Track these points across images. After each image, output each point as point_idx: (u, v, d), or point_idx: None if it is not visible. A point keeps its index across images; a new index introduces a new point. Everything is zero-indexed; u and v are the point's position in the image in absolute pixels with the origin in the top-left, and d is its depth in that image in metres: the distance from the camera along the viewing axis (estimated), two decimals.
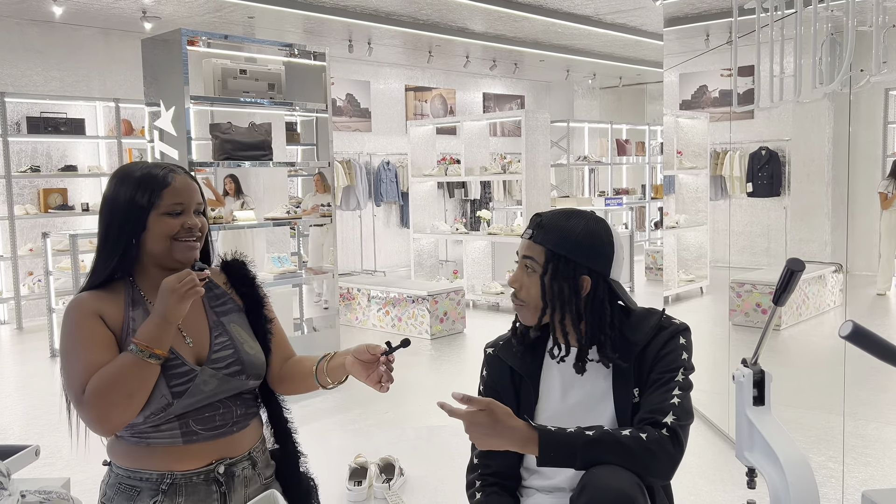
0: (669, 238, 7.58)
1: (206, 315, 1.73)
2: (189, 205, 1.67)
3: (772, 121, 5.93)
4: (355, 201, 11.09)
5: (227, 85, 4.86)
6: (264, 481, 1.76)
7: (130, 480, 1.63)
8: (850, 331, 1.42)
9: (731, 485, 3.38)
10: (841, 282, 5.24)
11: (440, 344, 6.57)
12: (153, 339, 1.54)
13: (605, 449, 1.53)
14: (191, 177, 1.72)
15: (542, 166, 8.01)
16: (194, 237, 1.67)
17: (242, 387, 1.70)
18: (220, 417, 1.66)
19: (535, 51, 11.04)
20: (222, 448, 1.67)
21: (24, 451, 1.73)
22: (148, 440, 1.62)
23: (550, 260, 1.67)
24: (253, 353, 1.73)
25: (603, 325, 1.67)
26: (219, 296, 1.78)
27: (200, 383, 1.61)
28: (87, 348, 1.57)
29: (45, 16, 7.99)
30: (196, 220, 1.67)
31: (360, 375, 1.67)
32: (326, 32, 9.43)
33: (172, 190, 1.65)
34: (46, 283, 6.54)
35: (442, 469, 2.97)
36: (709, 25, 5.34)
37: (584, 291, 1.67)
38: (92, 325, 1.59)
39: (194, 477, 1.63)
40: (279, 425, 1.82)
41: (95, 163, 8.55)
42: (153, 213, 1.63)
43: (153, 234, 1.64)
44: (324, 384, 1.75)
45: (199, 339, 1.68)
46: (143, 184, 1.64)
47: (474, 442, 1.58)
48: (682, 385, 1.62)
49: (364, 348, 1.67)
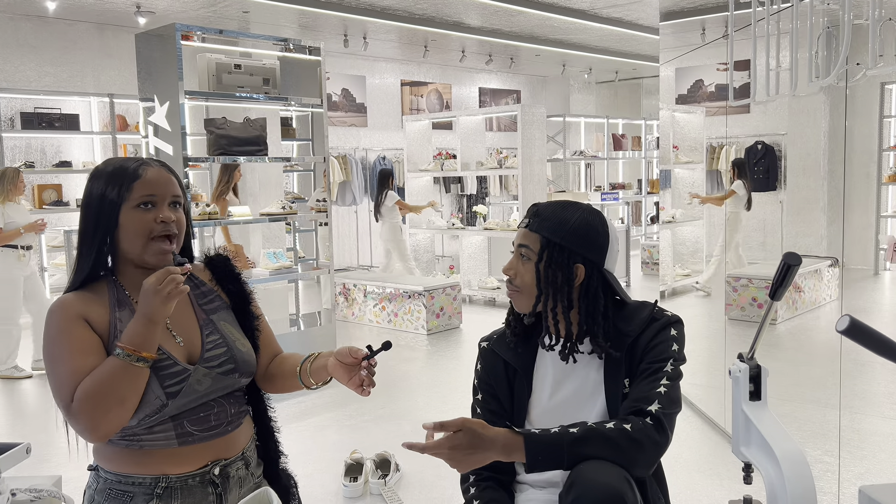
0: (665, 233, 7.58)
1: (195, 313, 1.69)
2: (162, 197, 1.61)
3: (768, 115, 5.92)
4: (351, 196, 11.07)
5: (222, 80, 4.84)
6: (256, 480, 1.74)
7: (122, 486, 1.58)
8: (847, 325, 1.41)
9: (728, 480, 3.39)
10: (837, 276, 5.24)
11: (436, 339, 6.57)
12: (139, 342, 1.49)
13: (591, 445, 1.53)
14: (168, 169, 1.66)
15: (539, 161, 8.00)
16: (170, 233, 1.61)
17: (235, 385, 1.68)
18: (214, 417, 1.63)
19: (531, 45, 11.02)
20: (217, 449, 1.64)
21: (15, 449, 1.71)
22: (141, 443, 1.57)
23: (546, 247, 1.68)
24: (245, 350, 1.71)
25: (596, 315, 1.68)
26: (206, 293, 1.74)
27: (194, 382, 1.58)
28: (73, 354, 1.51)
29: (38, 11, 7.95)
30: (170, 214, 1.61)
31: (342, 378, 1.64)
32: (322, 27, 9.40)
33: (143, 182, 1.59)
34: (41, 279, 6.52)
35: (438, 465, 2.97)
36: (705, 20, 5.32)
37: (577, 280, 1.68)
38: (77, 330, 1.54)
39: (189, 479, 1.60)
40: (262, 423, 1.80)
41: (90, 158, 8.52)
42: (124, 207, 1.58)
43: (126, 230, 1.59)
44: (307, 385, 1.73)
45: (189, 337, 1.65)
46: (113, 178, 1.60)
47: (459, 468, 1.54)
48: (670, 375, 1.62)
49: (346, 351, 1.64)
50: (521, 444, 1.53)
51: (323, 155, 5.41)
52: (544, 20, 9.55)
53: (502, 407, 1.77)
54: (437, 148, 10.58)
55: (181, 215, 1.65)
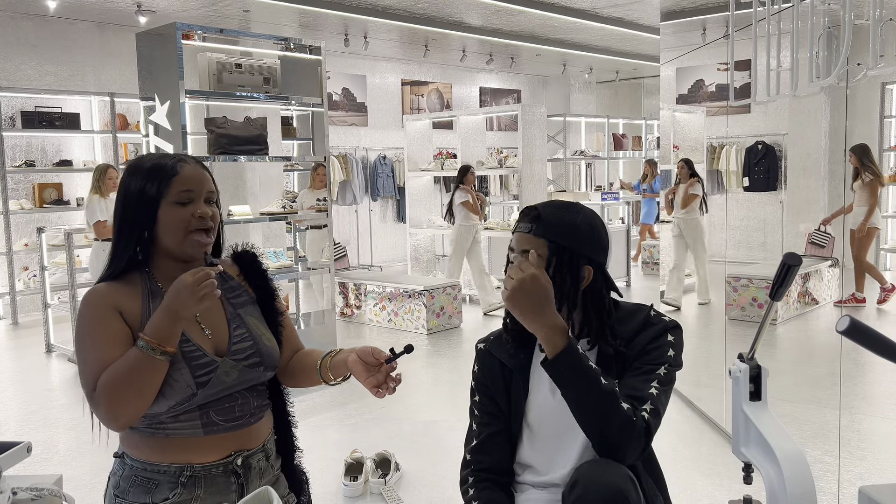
0: (665, 232, 7.58)
1: (224, 307, 1.73)
2: (199, 193, 1.66)
3: (768, 115, 5.92)
4: (351, 196, 11.07)
5: (223, 79, 4.84)
6: (275, 472, 1.78)
7: (147, 473, 1.61)
8: (847, 326, 1.41)
9: (728, 479, 3.39)
10: (837, 276, 5.24)
11: (437, 339, 6.57)
12: (164, 336, 1.52)
13: (603, 397, 1.53)
14: (202, 166, 1.71)
15: (539, 161, 8.00)
16: (206, 227, 1.66)
17: (260, 378, 1.72)
18: (238, 408, 1.67)
19: (531, 45, 11.02)
20: (240, 439, 1.67)
21: (16, 448, 1.72)
22: (167, 431, 1.61)
23: (555, 252, 1.66)
24: (270, 344, 1.74)
25: (601, 314, 1.69)
26: (233, 287, 1.78)
27: (222, 374, 1.62)
28: (103, 344, 1.55)
29: (39, 9, 7.95)
30: (207, 209, 1.66)
31: (360, 375, 1.67)
32: (322, 26, 9.40)
33: (181, 178, 1.64)
34: (42, 279, 6.52)
35: (438, 464, 2.97)
36: (706, 19, 5.32)
37: (584, 282, 1.68)
38: (108, 320, 1.58)
39: (213, 469, 1.63)
40: (282, 418, 1.83)
41: (90, 157, 8.52)
42: (163, 203, 1.63)
43: (165, 225, 1.63)
44: (326, 380, 1.76)
45: (217, 330, 1.68)
46: (152, 174, 1.65)
47: (515, 308, 1.57)
48: (661, 379, 1.63)
49: (369, 350, 1.67)
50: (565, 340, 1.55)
51: (323, 154, 5.41)
52: (545, 20, 9.55)
53: (499, 408, 1.77)
54: (437, 147, 10.58)
55: (216, 210, 1.70)
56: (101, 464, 3.84)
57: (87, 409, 1.57)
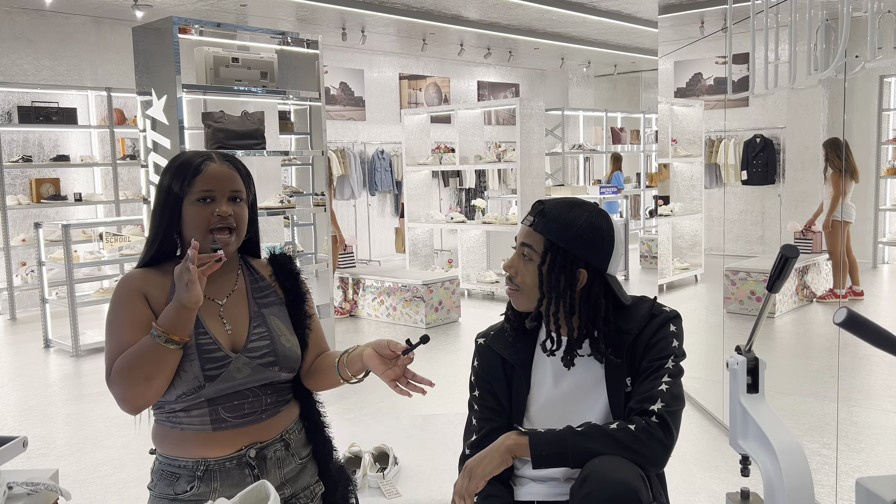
0: (664, 226, 7.58)
1: (248, 305, 1.75)
2: (221, 192, 1.67)
3: (766, 108, 5.91)
4: (349, 190, 11.06)
5: (220, 73, 4.82)
6: (300, 461, 1.78)
7: (171, 467, 1.67)
8: (844, 318, 1.41)
9: (726, 472, 3.39)
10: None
11: (435, 333, 6.56)
12: (172, 325, 1.56)
13: (595, 441, 1.54)
14: (232, 165, 1.72)
15: (537, 155, 7.99)
16: (228, 226, 1.67)
17: (274, 378, 1.72)
18: (248, 406, 1.69)
19: (529, 38, 11.00)
20: (252, 434, 1.69)
21: (11, 442, 1.71)
22: (181, 426, 1.66)
23: (549, 250, 1.65)
24: (289, 346, 1.75)
25: (596, 320, 1.66)
26: (262, 287, 1.80)
27: (234, 370, 1.64)
28: (126, 327, 1.61)
29: (35, 4, 7.92)
30: (227, 208, 1.67)
31: (377, 369, 1.67)
32: (319, 20, 9.38)
33: (203, 177, 1.67)
34: (39, 274, 6.51)
35: (436, 458, 2.97)
36: (703, 13, 5.31)
37: (579, 284, 1.66)
38: (134, 305, 1.63)
39: (227, 462, 1.66)
40: (311, 419, 1.84)
41: (87, 152, 8.50)
42: (186, 201, 1.67)
43: (188, 222, 1.67)
44: (345, 377, 1.75)
45: (237, 327, 1.71)
46: (178, 172, 1.69)
47: (474, 482, 1.61)
48: (671, 372, 1.63)
49: (385, 343, 1.68)
50: (525, 441, 1.56)
51: (321, 149, 5.40)
52: (543, 13, 9.53)
53: (500, 403, 1.76)
54: (435, 142, 10.57)
55: (240, 209, 1.71)
56: (98, 459, 3.84)
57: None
